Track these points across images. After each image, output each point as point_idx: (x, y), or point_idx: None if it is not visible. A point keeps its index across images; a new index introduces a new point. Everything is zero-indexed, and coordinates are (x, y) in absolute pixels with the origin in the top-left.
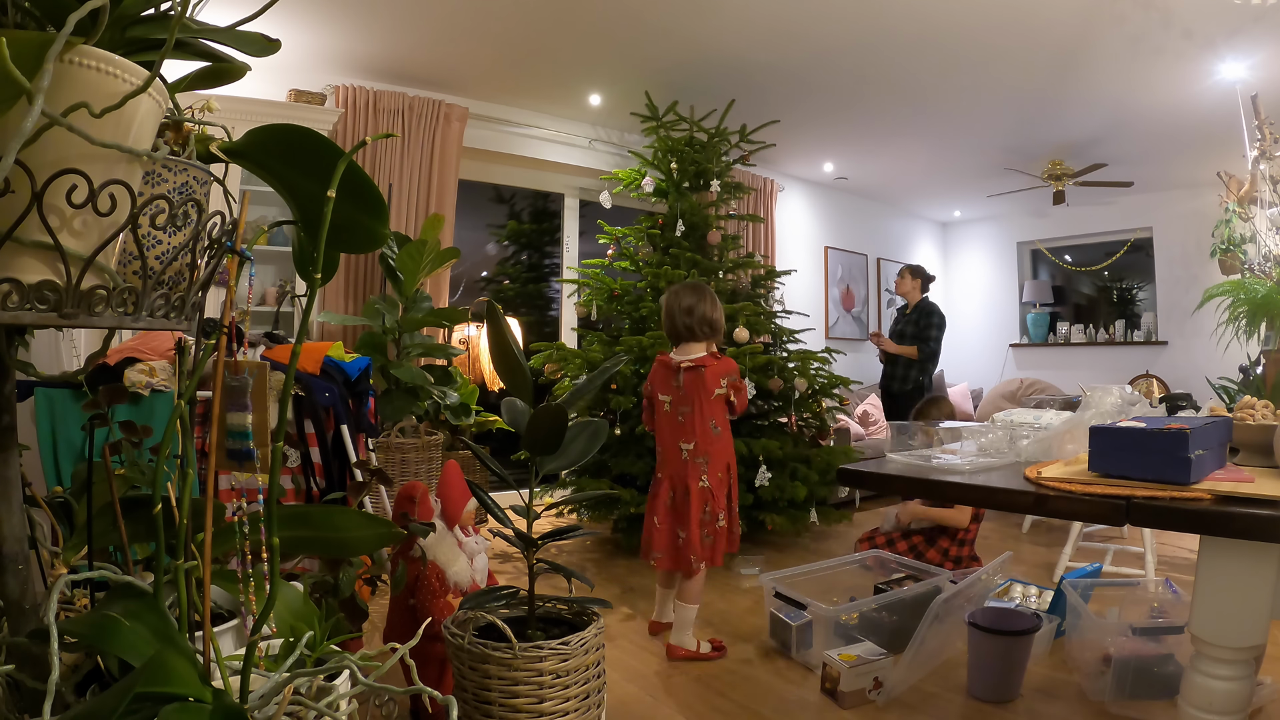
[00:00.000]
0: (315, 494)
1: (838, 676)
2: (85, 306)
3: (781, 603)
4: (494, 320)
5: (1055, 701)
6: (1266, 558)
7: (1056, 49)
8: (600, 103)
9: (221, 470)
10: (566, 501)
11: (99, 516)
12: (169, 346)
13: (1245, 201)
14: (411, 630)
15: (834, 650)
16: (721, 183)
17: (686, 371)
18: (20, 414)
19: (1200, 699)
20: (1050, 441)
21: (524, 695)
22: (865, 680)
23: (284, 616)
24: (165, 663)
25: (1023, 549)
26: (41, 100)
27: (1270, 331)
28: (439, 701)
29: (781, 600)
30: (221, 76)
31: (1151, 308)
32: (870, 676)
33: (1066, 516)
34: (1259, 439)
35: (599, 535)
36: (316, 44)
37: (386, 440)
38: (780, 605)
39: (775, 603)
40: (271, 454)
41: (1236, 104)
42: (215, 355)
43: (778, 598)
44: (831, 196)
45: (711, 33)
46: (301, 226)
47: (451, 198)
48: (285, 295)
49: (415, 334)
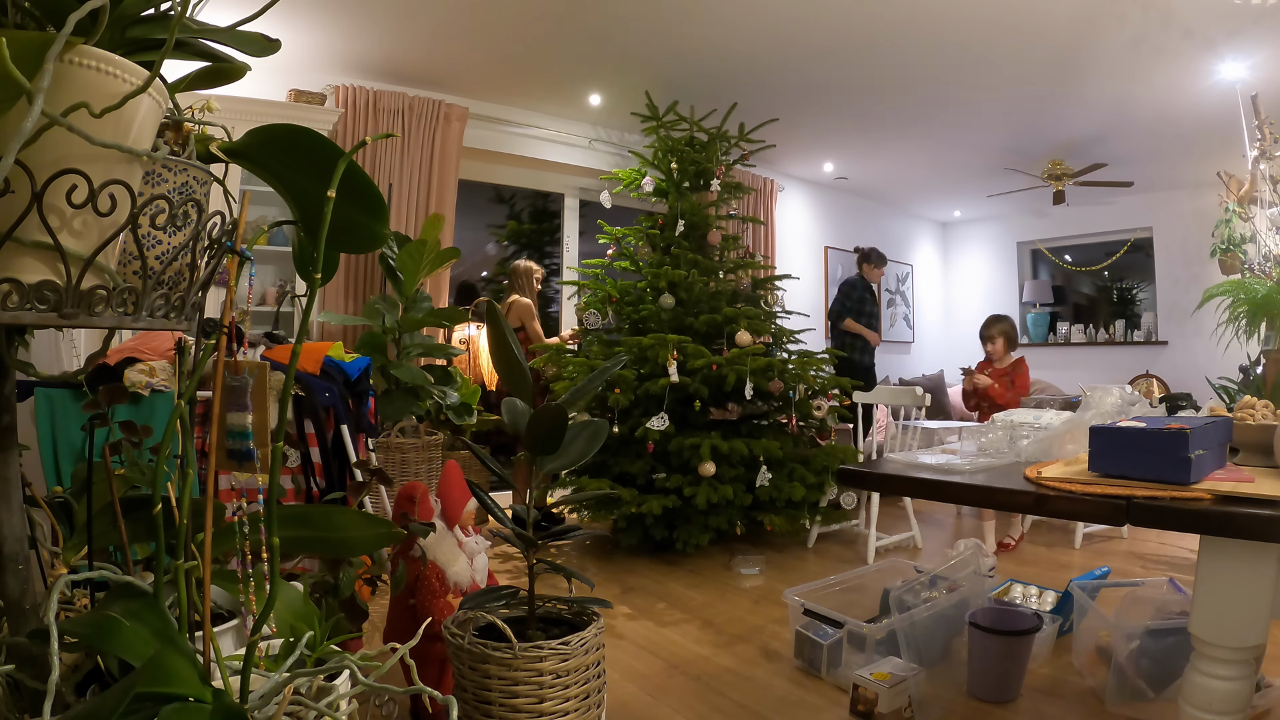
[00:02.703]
0: (315, 494)
1: (875, 699)
2: (85, 306)
3: (809, 619)
4: (494, 321)
5: (1056, 701)
6: (1266, 558)
7: (1057, 49)
8: (600, 103)
9: (221, 470)
10: (567, 501)
11: (99, 516)
12: (169, 346)
13: (1245, 201)
14: (411, 630)
15: (866, 670)
16: (721, 183)
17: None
18: (20, 414)
19: (1200, 699)
20: (1050, 441)
21: (524, 695)
22: (901, 699)
23: (284, 616)
24: (165, 663)
25: (1023, 549)
26: (41, 100)
27: (1270, 331)
28: (439, 701)
29: (810, 617)
30: (221, 76)
31: (1151, 308)
32: (905, 695)
33: (1066, 516)
34: (1259, 439)
35: (599, 535)
36: (316, 44)
37: (386, 440)
38: (808, 623)
39: (803, 620)
40: (271, 454)
41: (1236, 104)
42: (215, 355)
43: (806, 615)
44: (831, 196)
45: (711, 33)
46: (301, 226)
47: (451, 198)
48: (285, 295)
49: (415, 334)
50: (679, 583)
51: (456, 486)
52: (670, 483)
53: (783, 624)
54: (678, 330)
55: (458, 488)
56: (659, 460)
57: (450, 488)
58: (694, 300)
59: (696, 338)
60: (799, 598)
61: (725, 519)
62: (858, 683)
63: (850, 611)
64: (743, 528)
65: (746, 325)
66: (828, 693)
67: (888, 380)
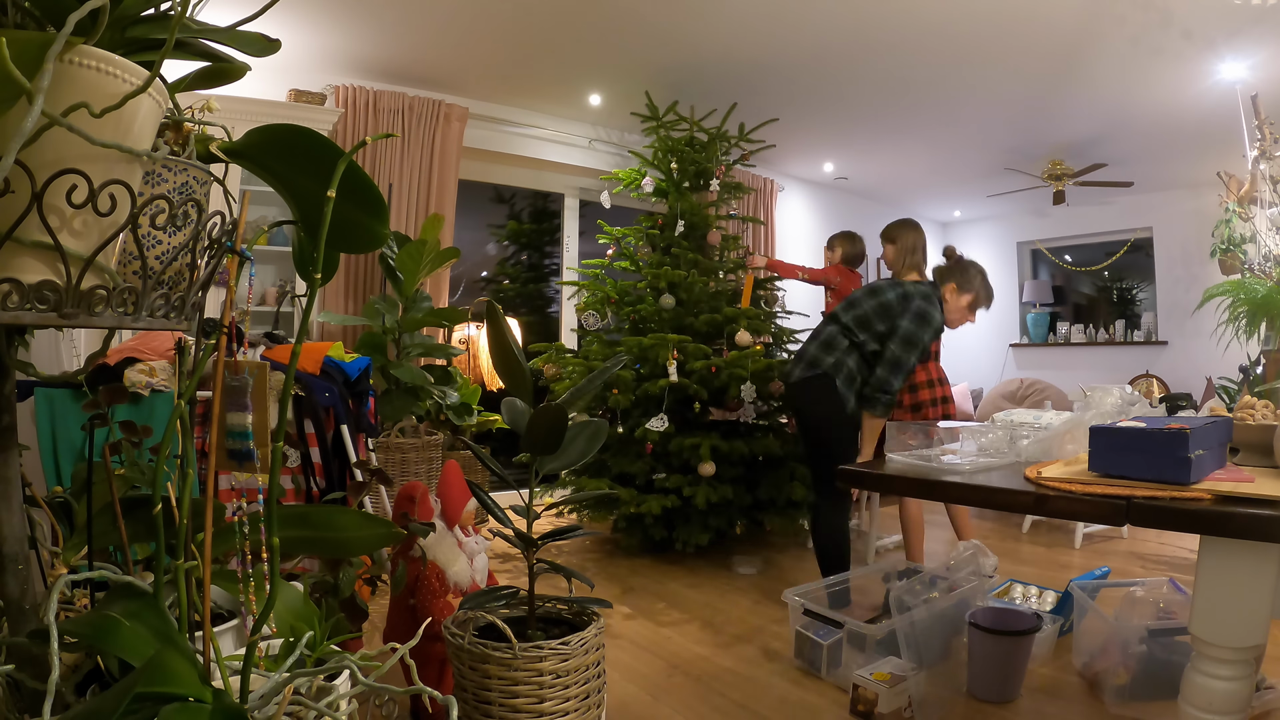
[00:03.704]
0: (315, 494)
1: (875, 699)
2: (85, 306)
3: (810, 620)
4: (494, 320)
5: (1056, 701)
6: (1266, 558)
7: (1057, 49)
8: (600, 103)
9: (221, 470)
10: (566, 501)
11: (99, 516)
12: (169, 346)
13: (1245, 201)
14: (411, 630)
15: (865, 670)
16: (721, 183)
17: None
18: (20, 414)
19: (1200, 699)
20: (1050, 441)
21: (524, 695)
22: (902, 699)
23: (284, 616)
24: (165, 663)
25: (1022, 549)
26: (41, 100)
27: (1270, 331)
28: (439, 701)
29: (810, 617)
30: (221, 76)
31: (1151, 308)
32: (905, 695)
33: (1066, 516)
34: (1259, 439)
35: (599, 535)
36: (316, 44)
37: (386, 440)
38: (808, 623)
39: (803, 620)
40: (271, 454)
41: (1236, 104)
42: (215, 355)
43: (807, 615)
44: (831, 196)
45: (711, 33)
46: (301, 226)
47: (451, 198)
48: (285, 295)
49: (415, 334)
50: (679, 583)
51: (456, 486)
52: (670, 483)
53: (783, 624)
54: (678, 330)
55: (458, 488)
56: (659, 460)
57: (450, 488)
58: (694, 300)
59: (696, 338)
60: (799, 597)
61: (725, 519)
62: (857, 683)
63: (850, 611)
64: (742, 528)
65: (746, 325)
66: (828, 693)
67: None
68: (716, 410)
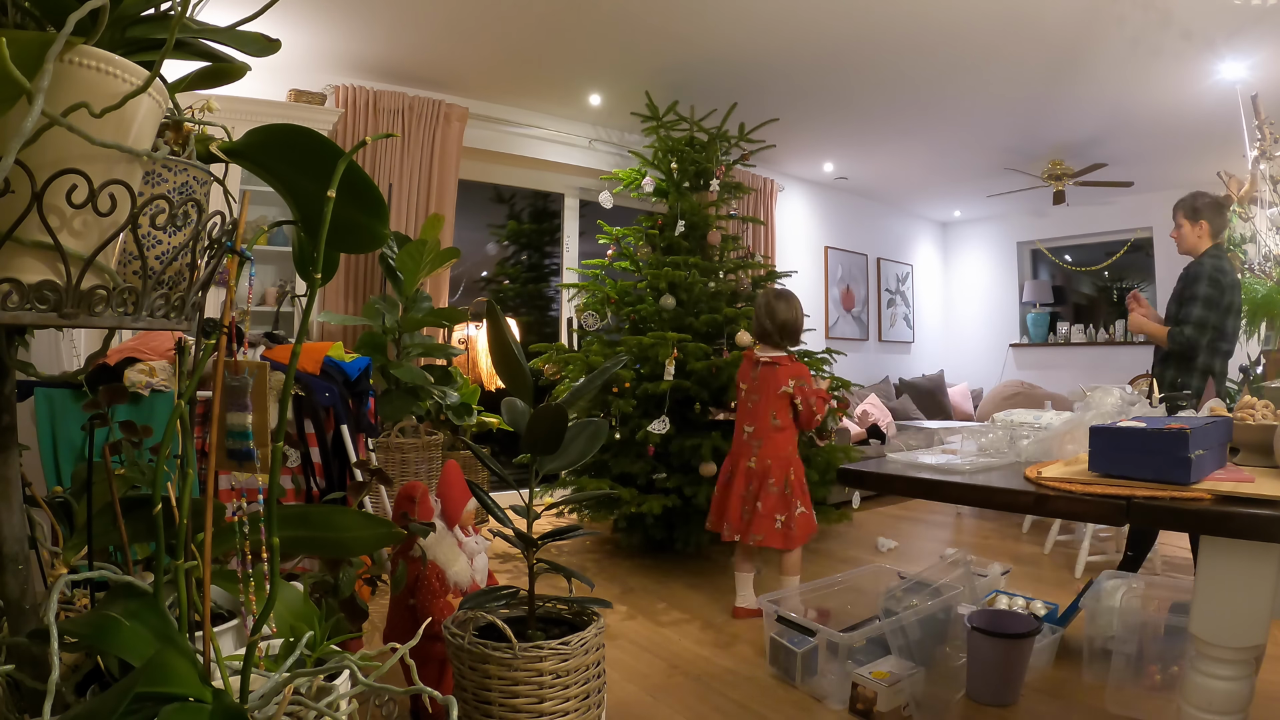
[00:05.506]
0: (315, 494)
1: (874, 697)
2: (85, 306)
3: (783, 626)
4: (494, 320)
5: (1055, 703)
6: (1266, 558)
7: (1056, 49)
8: (600, 103)
9: (221, 470)
10: (567, 501)
11: (99, 516)
12: (169, 346)
13: (1245, 201)
14: (411, 630)
15: (865, 669)
16: (721, 183)
17: (763, 366)
18: (20, 414)
19: (1200, 699)
20: (1050, 441)
21: (524, 695)
22: (900, 698)
23: (284, 616)
24: (165, 663)
25: (1022, 549)
26: (41, 100)
27: (1270, 331)
28: (439, 701)
29: (784, 624)
30: (221, 76)
31: (1151, 308)
32: (904, 694)
33: (1067, 516)
34: (1259, 439)
35: (599, 535)
36: (316, 44)
37: (386, 440)
38: (782, 630)
39: (776, 627)
40: (271, 454)
41: (1236, 104)
42: (215, 355)
43: (780, 622)
44: (831, 196)
45: (711, 33)
46: (301, 226)
47: (451, 198)
48: (285, 295)
49: (415, 334)
50: (679, 583)
51: (456, 486)
52: (670, 483)
53: None
54: (678, 330)
55: (458, 488)
56: (659, 460)
57: (450, 488)
58: (694, 300)
59: (697, 338)
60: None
61: None
62: (857, 681)
63: (837, 615)
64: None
65: (747, 325)
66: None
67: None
68: (717, 410)
